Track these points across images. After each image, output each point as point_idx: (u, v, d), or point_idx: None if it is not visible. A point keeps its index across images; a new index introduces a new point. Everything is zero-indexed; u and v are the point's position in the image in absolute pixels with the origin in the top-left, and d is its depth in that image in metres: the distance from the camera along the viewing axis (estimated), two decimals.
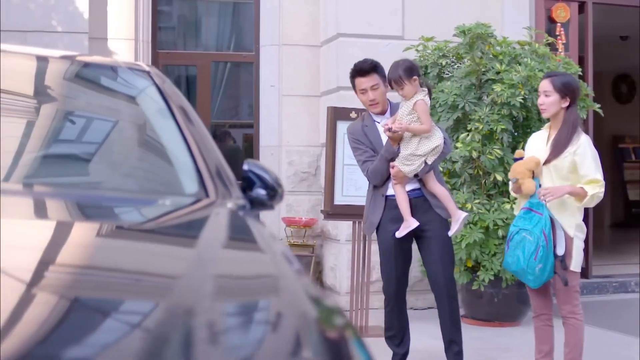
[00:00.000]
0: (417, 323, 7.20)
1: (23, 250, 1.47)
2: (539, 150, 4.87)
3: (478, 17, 7.38)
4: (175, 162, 2.43)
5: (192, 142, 2.45)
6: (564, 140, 4.76)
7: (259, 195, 2.45)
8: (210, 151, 2.48)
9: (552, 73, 5.16)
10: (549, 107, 4.81)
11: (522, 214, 4.81)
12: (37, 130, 2.42)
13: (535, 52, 7.17)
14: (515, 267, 4.82)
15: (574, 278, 4.83)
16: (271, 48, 8.59)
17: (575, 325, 4.85)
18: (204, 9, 9.18)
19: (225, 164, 2.45)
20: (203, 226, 1.91)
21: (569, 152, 4.72)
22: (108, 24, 8.14)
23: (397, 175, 4.97)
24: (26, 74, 2.73)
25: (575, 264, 4.79)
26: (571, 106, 4.83)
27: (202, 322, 1.20)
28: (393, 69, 5.01)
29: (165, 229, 1.87)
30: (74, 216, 1.91)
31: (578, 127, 4.82)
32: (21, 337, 1.05)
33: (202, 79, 8.85)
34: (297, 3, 8.54)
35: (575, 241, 4.76)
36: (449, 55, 7.33)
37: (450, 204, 5.10)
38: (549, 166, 4.77)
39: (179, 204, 2.14)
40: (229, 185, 2.32)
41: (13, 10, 7.66)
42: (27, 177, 2.18)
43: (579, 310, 4.87)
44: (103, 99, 2.77)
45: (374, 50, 7.86)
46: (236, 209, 2.13)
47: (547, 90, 4.82)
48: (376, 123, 5.18)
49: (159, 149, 2.55)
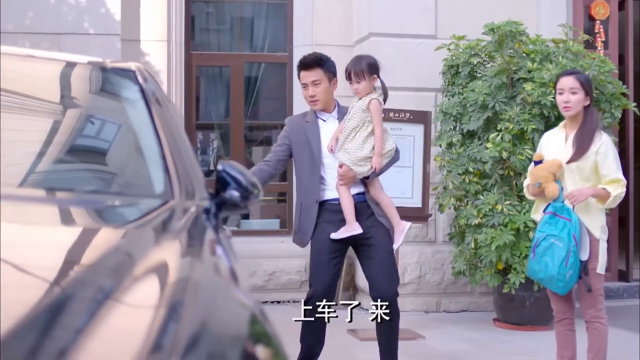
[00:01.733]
0: (450, 326, 7.14)
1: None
2: (558, 152, 4.73)
3: (513, 15, 7.26)
4: (145, 164, 2.40)
5: (165, 143, 2.41)
6: (588, 140, 4.64)
7: (232, 196, 2.40)
8: (183, 153, 2.44)
9: (572, 70, 5.05)
10: (576, 105, 4.68)
11: (547, 219, 4.67)
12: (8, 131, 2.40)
13: (569, 50, 7.01)
14: (543, 275, 4.67)
15: (599, 281, 4.70)
16: (304, 48, 8.52)
17: (599, 329, 4.71)
18: (237, 10, 9.18)
19: (197, 166, 2.42)
20: (143, 227, 1.87)
21: (591, 152, 4.61)
22: (141, 25, 8.18)
23: (345, 176, 4.70)
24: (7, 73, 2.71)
25: (601, 267, 4.67)
26: (590, 104, 4.72)
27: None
28: (356, 61, 4.81)
29: (107, 230, 1.84)
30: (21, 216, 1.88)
31: (599, 126, 4.71)
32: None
33: (236, 80, 8.84)
34: (330, 3, 8.50)
35: (601, 243, 4.66)
36: (481, 54, 7.22)
37: (394, 214, 4.82)
38: (571, 166, 4.65)
39: (135, 204, 2.10)
40: (195, 187, 2.28)
41: (46, 13, 7.74)
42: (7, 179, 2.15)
43: (603, 315, 4.72)
44: (82, 99, 2.75)
45: (407, 50, 7.80)
46: (196, 211, 2.09)
47: (574, 87, 4.68)
48: (319, 120, 4.93)
49: (132, 150, 2.52)
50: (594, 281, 4.64)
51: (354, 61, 4.84)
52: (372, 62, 4.80)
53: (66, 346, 1.06)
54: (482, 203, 6.60)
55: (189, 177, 2.32)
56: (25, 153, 2.37)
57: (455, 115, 7.02)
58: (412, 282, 7.73)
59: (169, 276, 1.45)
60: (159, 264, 1.51)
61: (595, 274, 4.64)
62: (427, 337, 6.59)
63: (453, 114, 7.03)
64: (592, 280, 4.63)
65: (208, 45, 9.14)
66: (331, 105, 4.97)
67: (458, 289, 7.83)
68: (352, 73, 4.74)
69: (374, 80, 4.76)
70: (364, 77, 4.71)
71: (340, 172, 4.70)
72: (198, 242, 1.75)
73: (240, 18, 9.18)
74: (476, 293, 7.84)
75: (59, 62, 2.94)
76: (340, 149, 4.71)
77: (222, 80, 9.19)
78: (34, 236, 1.65)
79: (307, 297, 4.66)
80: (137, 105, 2.62)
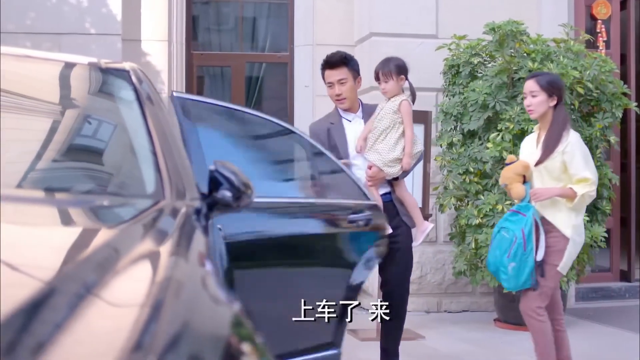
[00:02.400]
0: (450, 326, 7.14)
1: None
2: (530, 154, 4.77)
3: (514, 15, 7.24)
4: (137, 164, 2.41)
5: (157, 143, 2.41)
6: (554, 140, 4.64)
7: (224, 196, 2.40)
8: (175, 153, 2.45)
9: (536, 73, 5.10)
10: (537, 108, 4.69)
11: (507, 216, 4.76)
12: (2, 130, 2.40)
13: (570, 50, 7.00)
14: (492, 267, 4.74)
15: (554, 279, 4.68)
16: (305, 48, 8.56)
17: (536, 326, 4.68)
18: (239, 9, 9.18)
19: (189, 166, 2.42)
20: (132, 227, 1.87)
21: (558, 152, 4.61)
22: (142, 25, 8.19)
23: (375, 177, 4.79)
24: (3, 72, 2.71)
25: (564, 266, 4.64)
26: (559, 105, 4.70)
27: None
28: (385, 62, 4.92)
29: (95, 229, 1.84)
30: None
31: (568, 126, 4.69)
32: None
33: (237, 80, 8.85)
34: (331, 3, 8.50)
35: (570, 242, 4.62)
36: (482, 54, 7.21)
37: (417, 214, 4.95)
38: (539, 168, 4.66)
39: (125, 204, 2.11)
40: (187, 187, 2.28)
41: (47, 13, 7.75)
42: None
43: (543, 312, 4.66)
44: (77, 98, 2.75)
45: (407, 50, 7.78)
46: (186, 211, 2.09)
47: (533, 90, 4.70)
48: (344, 121, 5.00)
49: (124, 149, 2.52)
50: (547, 277, 4.61)
51: (383, 62, 4.95)
52: (401, 64, 4.93)
53: (44, 341, 1.06)
54: (482, 203, 6.59)
55: (181, 177, 2.32)
56: (20, 153, 2.38)
57: (456, 115, 7.02)
58: (413, 282, 7.65)
59: (152, 275, 1.45)
60: (143, 263, 1.51)
61: (553, 269, 4.61)
62: (427, 337, 6.59)
63: (454, 113, 7.02)
64: (547, 275, 4.60)
65: (209, 45, 9.14)
66: (356, 104, 5.04)
67: (459, 289, 7.82)
68: (380, 73, 4.87)
69: (401, 81, 4.90)
70: (392, 77, 4.83)
71: (370, 173, 4.79)
72: (185, 243, 1.75)
73: (241, 18, 9.18)
74: (477, 293, 7.84)
75: (54, 62, 2.95)
76: (370, 149, 4.79)
77: (223, 80, 9.20)
78: (27, 235, 1.66)
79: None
80: (130, 105, 2.63)
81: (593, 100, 6.95)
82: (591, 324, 7.22)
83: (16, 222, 1.79)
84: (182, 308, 1.32)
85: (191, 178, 2.37)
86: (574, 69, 6.62)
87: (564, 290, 6.95)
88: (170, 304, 1.29)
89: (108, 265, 1.44)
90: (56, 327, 1.10)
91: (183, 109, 3.48)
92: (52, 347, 1.04)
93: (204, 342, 1.28)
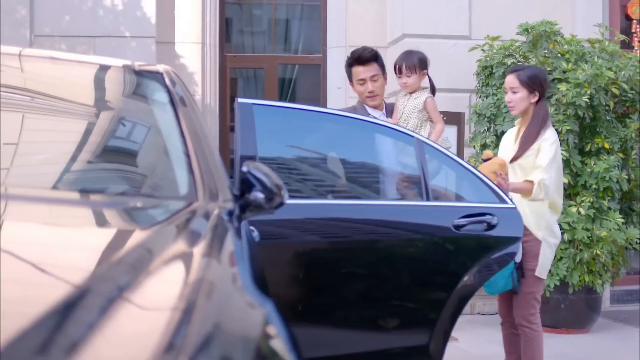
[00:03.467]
0: (483, 329, 7.10)
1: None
2: (508, 150, 4.61)
3: (548, 15, 7.20)
4: (171, 166, 2.43)
5: (190, 145, 2.43)
6: (532, 137, 4.46)
7: (256, 198, 2.41)
8: (208, 155, 2.46)
9: (517, 67, 4.83)
10: (518, 104, 4.52)
11: None
12: (37, 132, 2.44)
13: (605, 50, 6.94)
14: None
15: (534, 284, 4.48)
16: (338, 50, 8.55)
17: (530, 335, 4.49)
18: (272, 11, 9.21)
19: (221, 168, 2.44)
20: (165, 229, 1.89)
21: (533, 149, 4.44)
22: (175, 28, 8.23)
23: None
24: (39, 75, 2.75)
25: (541, 270, 4.46)
26: (540, 100, 4.53)
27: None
28: (408, 55, 4.85)
29: (129, 231, 1.86)
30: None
31: (547, 123, 4.51)
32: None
33: (270, 82, 8.88)
34: (364, 4, 8.49)
35: (543, 245, 4.45)
36: (515, 55, 7.16)
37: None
38: (514, 165, 4.49)
39: (158, 206, 2.12)
40: (219, 189, 2.29)
41: (82, 16, 7.82)
42: (20, 180, 2.18)
43: (536, 320, 4.50)
44: (111, 101, 2.78)
45: (440, 51, 7.76)
46: (218, 213, 2.10)
47: (513, 86, 4.53)
48: (372, 118, 4.97)
49: (158, 152, 2.54)
50: (528, 283, 4.45)
51: (406, 55, 4.87)
52: (423, 58, 4.87)
53: (77, 341, 1.07)
54: None
55: (213, 178, 2.34)
56: (55, 155, 2.41)
57: (489, 116, 6.98)
58: None
59: (185, 277, 1.46)
60: (176, 264, 1.52)
61: (531, 275, 4.44)
62: (460, 339, 6.56)
63: (487, 115, 6.98)
64: (527, 281, 4.45)
65: (242, 47, 9.17)
66: (382, 101, 4.99)
67: None
68: (403, 66, 4.78)
69: (423, 75, 4.81)
70: (415, 71, 4.76)
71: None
72: (218, 244, 1.76)
73: (274, 20, 9.21)
74: None
75: (89, 65, 2.98)
76: None
77: (256, 82, 9.23)
78: (62, 237, 1.68)
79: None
80: (163, 107, 2.65)
81: (628, 101, 6.88)
82: (626, 327, 7.15)
83: (51, 223, 1.81)
84: (214, 309, 1.33)
85: (224, 180, 2.39)
86: (609, 70, 6.56)
87: (599, 293, 6.90)
88: (202, 306, 1.30)
89: (141, 266, 1.45)
90: (89, 327, 1.11)
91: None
92: (85, 347, 1.05)
93: (236, 343, 1.29)
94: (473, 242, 3.95)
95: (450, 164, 4.18)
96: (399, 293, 3.84)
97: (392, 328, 3.86)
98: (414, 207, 3.99)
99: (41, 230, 1.72)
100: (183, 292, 1.36)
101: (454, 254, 3.98)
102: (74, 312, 1.17)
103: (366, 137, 4.38)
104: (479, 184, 4.12)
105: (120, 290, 1.29)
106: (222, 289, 1.47)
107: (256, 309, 1.50)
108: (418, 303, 3.90)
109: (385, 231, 3.83)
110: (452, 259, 3.97)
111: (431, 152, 4.06)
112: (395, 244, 3.83)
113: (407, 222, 3.88)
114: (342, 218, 3.77)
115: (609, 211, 6.64)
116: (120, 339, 1.14)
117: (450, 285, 3.85)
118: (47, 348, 1.04)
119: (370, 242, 3.79)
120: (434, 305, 3.85)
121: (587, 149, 6.73)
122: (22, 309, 1.14)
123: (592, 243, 6.54)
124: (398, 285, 3.84)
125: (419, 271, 3.91)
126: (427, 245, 3.92)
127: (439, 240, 3.92)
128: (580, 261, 6.57)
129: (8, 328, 1.02)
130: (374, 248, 3.79)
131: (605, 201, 6.62)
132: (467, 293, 3.93)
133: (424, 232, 3.92)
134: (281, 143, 4.06)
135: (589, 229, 6.50)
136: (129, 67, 2.90)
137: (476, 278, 3.94)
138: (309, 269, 3.67)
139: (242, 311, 1.44)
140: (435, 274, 3.94)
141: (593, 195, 6.58)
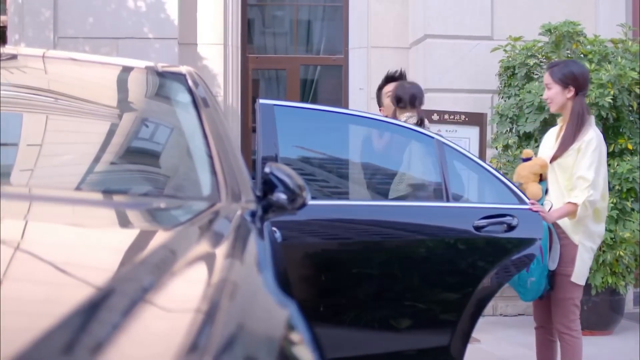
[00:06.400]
0: (506, 330, 7.07)
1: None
2: (549, 149, 4.50)
3: (570, 15, 7.17)
4: (194, 166, 2.44)
5: (213, 146, 2.44)
6: (571, 137, 4.35)
7: (279, 199, 2.42)
8: (231, 156, 2.47)
9: (553, 63, 4.77)
10: (554, 100, 4.45)
11: None
12: (61, 133, 2.45)
13: (628, 51, 6.89)
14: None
15: (572, 290, 4.35)
16: (360, 51, 8.55)
17: (569, 342, 4.38)
18: (293, 13, 9.22)
19: (244, 169, 2.44)
20: (188, 229, 1.89)
21: (573, 149, 4.32)
22: (198, 29, 8.26)
23: None
24: (63, 76, 2.77)
25: (578, 276, 4.33)
26: (577, 96, 4.43)
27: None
28: (419, 90, 5.01)
29: (153, 231, 1.87)
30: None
31: (585, 119, 4.39)
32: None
33: (292, 83, 8.89)
34: (386, 5, 8.47)
35: (580, 249, 4.32)
36: (538, 55, 7.13)
37: None
38: (553, 164, 4.38)
39: (182, 207, 2.13)
40: (242, 190, 2.30)
41: (106, 18, 7.86)
42: (44, 181, 2.20)
43: (576, 327, 4.39)
44: (135, 102, 2.80)
45: (462, 51, 7.74)
46: (241, 214, 2.11)
47: (547, 82, 4.49)
48: None
49: (181, 152, 2.56)
50: (566, 289, 4.33)
51: (417, 90, 5.04)
52: (416, 94, 5.00)
53: (102, 341, 1.08)
54: None
55: (236, 179, 2.34)
56: (79, 155, 2.42)
57: (512, 117, 6.95)
58: None
59: (208, 277, 1.46)
60: (199, 265, 1.53)
61: (568, 281, 4.32)
62: (482, 341, 6.54)
63: (509, 115, 6.96)
64: (564, 287, 4.33)
65: (264, 48, 9.19)
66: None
67: (514, 293, 7.67)
68: (410, 102, 4.93)
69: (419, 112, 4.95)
70: (413, 109, 4.93)
71: None
72: (240, 245, 1.76)
73: (296, 21, 9.22)
74: None
75: (112, 66, 3.00)
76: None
77: (278, 83, 9.25)
78: (86, 237, 1.69)
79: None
80: (186, 108, 2.66)
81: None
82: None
83: (75, 224, 1.83)
84: (237, 310, 1.33)
85: (246, 180, 2.39)
86: (633, 70, 6.52)
87: (622, 294, 6.85)
88: (226, 306, 1.30)
89: (164, 267, 1.46)
90: (114, 327, 1.12)
91: None
92: (109, 347, 1.06)
93: (259, 343, 1.29)
94: (493, 243, 3.97)
95: (470, 164, 4.19)
96: (420, 293, 3.85)
97: (413, 328, 3.87)
98: (435, 208, 4.00)
99: (65, 231, 1.74)
100: (207, 293, 1.36)
101: (474, 255, 3.99)
102: (98, 312, 1.17)
103: (387, 138, 4.41)
104: (498, 185, 4.12)
105: (144, 291, 1.30)
106: (246, 290, 1.47)
107: (279, 309, 1.51)
108: (439, 304, 3.91)
109: (404, 234, 3.85)
110: (473, 260, 3.98)
111: (451, 153, 4.07)
112: (416, 245, 3.85)
113: (428, 224, 3.90)
114: (363, 220, 3.79)
115: (632, 212, 6.59)
116: (145, 339, 1.14)
117: (470, 286, 3.87)
118: (73, 348, 1.04)
119: (390, 243, 3.80)
120: (454, 306, 3.86)
121: (610, 150, 6.68)
122: (47, 309, 1.15)
123: (615, 244, 6.49)
124: (420, 286, 3.84)
125: (440, 272, 3.93)
126: (447, 246, 3.94)
127: (459, 241, 3.93)
128: (604, 262, 6.53)
129: (34, 328, 1.03)
130: (393, 249, 3.80)
131: (629, 202, 6.57)
132: (487, 294, 3.96)
133: (444, 234, 3.93)
134: (302, 144, 4.08)
135: (612, 230, 6.45)
136: (152, 68, 2.91)
137: (496, 279, 3.95)
138: (331, 270, 3.69)
139: (265, 312, 1.44)
140: (456, 274, 3.95)
141: (616, 196, 6.53)
